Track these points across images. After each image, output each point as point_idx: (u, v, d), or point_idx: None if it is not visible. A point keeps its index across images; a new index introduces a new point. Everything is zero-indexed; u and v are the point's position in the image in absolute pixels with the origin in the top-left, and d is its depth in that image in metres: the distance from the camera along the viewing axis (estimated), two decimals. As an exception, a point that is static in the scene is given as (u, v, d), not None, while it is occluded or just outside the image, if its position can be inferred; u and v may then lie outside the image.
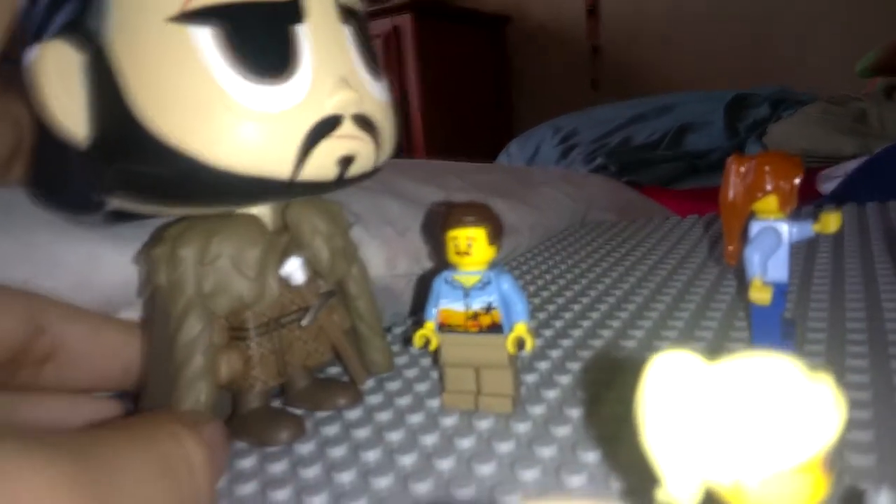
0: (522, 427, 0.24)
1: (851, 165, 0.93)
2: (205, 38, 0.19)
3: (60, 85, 0.20)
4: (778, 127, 1.37)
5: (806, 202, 0.79)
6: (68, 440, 0.14)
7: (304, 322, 0.25)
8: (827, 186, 0.95)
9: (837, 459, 0.20)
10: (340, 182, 0.23)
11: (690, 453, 0.11)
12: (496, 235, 0.25)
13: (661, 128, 1.56)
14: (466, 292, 0.25)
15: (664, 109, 1.66)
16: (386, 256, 0.40)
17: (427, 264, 0.42)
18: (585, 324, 0.34)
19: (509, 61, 2.46)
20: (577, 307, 0.37)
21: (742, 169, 0.28)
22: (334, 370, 0.31)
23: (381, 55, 2.20)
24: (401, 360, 0.32)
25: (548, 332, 0.34)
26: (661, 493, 0.12)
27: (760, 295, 0.27)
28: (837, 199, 0.72)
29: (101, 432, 0.15)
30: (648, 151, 1.49)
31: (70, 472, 0.13)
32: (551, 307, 0.38)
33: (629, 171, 1.38)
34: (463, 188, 0.56)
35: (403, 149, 2.13)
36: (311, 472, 0.22)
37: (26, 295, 0.23)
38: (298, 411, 0.27)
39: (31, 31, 0.21)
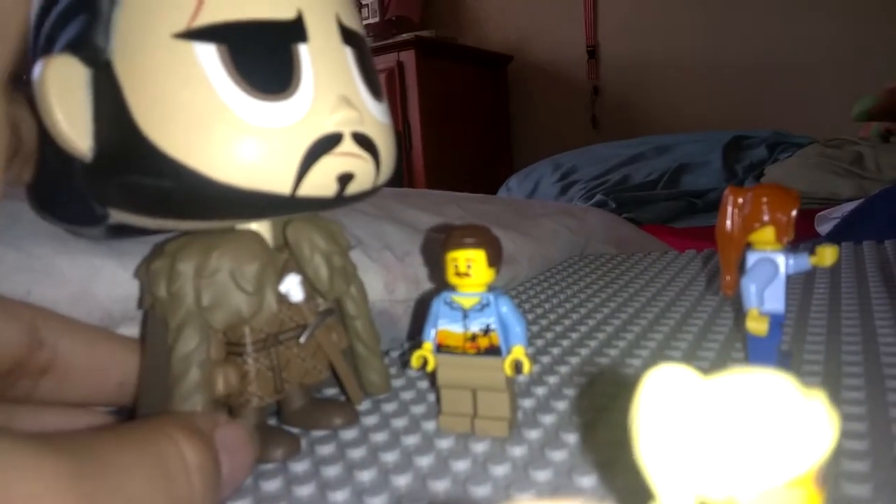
0: (518, 450, 0.24)
1: (848, 207, 0.94)
2: (209, 55, 0.20)
3: (66, 98, 0.20)
4: (776, 168, 1.39)
5: (803, 242, 0.80)
6: (64, 439, 0.14)
7: (301, 339, 0.25)
8: (824, 227, 0.95)
9: (833, 489, 0.20)
10: (339, 199, 0.23)
11: (684, 468, 0.11)
12: (496, 258, 0.25)
13: (660, 167, 1.58)
14: (465, 314, 0.25)
15: (663, 149, 1.68)
16: (385, 281, 0.40)
17: (426, 289, 0.42)
18: (583, 351, 0.34)
19: (510, 99, 2.50)
20: (575, 335, 0.37)
21: (739, 200, 0.28)
22: (331, 391, 0.31)
23: (385, 90, 2.22)
24: (398, 383, 0.32)
25: (545, 359, 0.33)
26: (655, 506, 0.12)
27: (757, 325, 0.27)
28: (834, 239, 0.73)
29: (98, 433, 0.15)
30: (646, 190, 1.51)
31: (65, 470, 0.13)
32: (549, 334, 0.38)
33: (628, 208, 1.39)
34: (462, 217, 0.56)
35: (405, 181, 2.15)
36: (305, 491, 0.22)
37: (27, 307, 0.23)
38: (294, 430, 0.27)
39: (39, 45, 0.22)
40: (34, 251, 0.27)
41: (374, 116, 0.24)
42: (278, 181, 0.21)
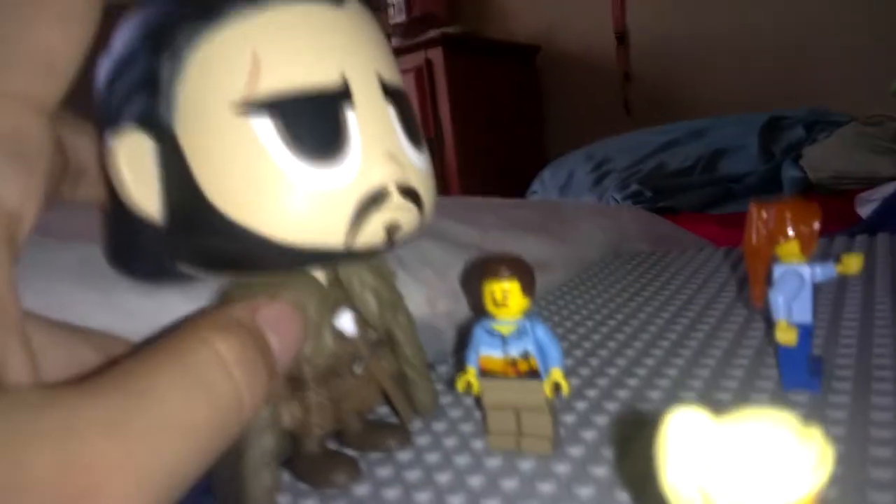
0: (562, 467, 0.26)
1: (889, 188, 0.93)
2: (265, 127, 0.22)
3: (136, 170, 0.22)
4: (814, 149, 1.36)
5: (844, 226, 0.79)
6: (93, 385, 0.14)
7: (357, 371, 0.28)
8: (865, 209, 0.94)
9: (859, 499, 0.21)
10: (388, 246, 0.25)
11: (703, 499, 0.13)
12: (529, 285, 0.27)
13: (695, 153, 1.56)
14: (504, 340, 0.27)
15: (697, 134, 1.66)
16: (427, 296, 0.42)
17: (466, 303, 0.44)
18: (621, 361, 0.36)
19: (540, 90, 2.49)
20: (612, 344, 0.39)
21: (763, 214, 0.30)
22: (382, 410, 0.33)
23: (414, 88, 2.26)
24: (445, 400, 0.34)
25: (584, 371, 0.35)
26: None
27: (786, 336, 0.28)
28: (873, 225, 0.72)
29: (127, 364, 0.15)
30: (683, 177, 1.49)
31: (100, 416, 0.14)
32: (587, 344, 0.39)
33: (664, 196, 1.39)
34: (497, 224, 0.58)
35: (438, 180, 2.17)
36: (368, 512, 0.24)
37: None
38: (352, 452, 0.29)
39: (107, 116, 0.24)
40: (110, 290, 0.30)
41: (416, 167, 0.25)
42: (333, 236, 0.23)
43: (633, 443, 0.27)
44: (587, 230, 0.65)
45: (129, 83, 0.23)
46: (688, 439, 0.14)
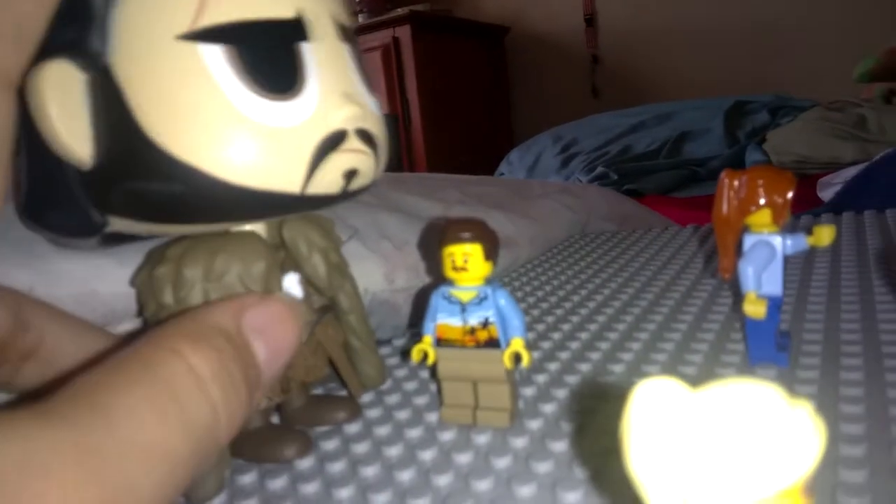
0: (520, 442, 0.24)
1: (851, 172, 0.93)
2: (215, 56, 0.20)
3: (63, 105, 0.20)
4: (777, 133, 1.38)
5: (806, 209, 0.80)
6: (60, 401, 0.13)
7: (303, 337, 0.26)
8: (826, 193, 0.95)
9: (830, 475, 0.20)
10: (343, 196, 0.23)
11: (674, 479, 0.11)
12: (492, 251, 0.25)
13: (661, 136, 1.57)
14: (463, 307, 0.26)
15: (664, 117, 1.67)
16: (385, 271, 0.40)
17: (426, 278, 0.43)
18: (584, 335, 0.34)
19: (509, 71, 2.47)
20: (575, 319, 0.37)
21: (735, 183, 0.28)
22: (329, 385, 0.32)
23: (381, 66, 2.22)
24: (400, 373, 0.32)
25: (546, 345, 0.34)
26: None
27: (755, 308, 0.27)
28: (836, 206, 0.72)
29: (95, 377, 0.14)
30: (649, 160, 1.50)
31: (66, 435, 0.12)
32: (550, 318, 0.38)
33: (630, 179, 1.39)
34: (462, 201, 0.56)
35: (404, 158, 2.15)
36: (311, 488, 0.23)
37: (11, 290, 0.22)
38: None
39: None
40: (35, 250, 0.27)
41: (372, 111, 0.24)
42: (289, 180, 0.21)
43: (594, 416, 0.25)
44: (553, 208, 0.63)
45: (57, 10, 0.21)
46: (658, 413, 0.12)
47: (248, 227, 0.24)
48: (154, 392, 0.14)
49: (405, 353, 0.34)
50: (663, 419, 0.12)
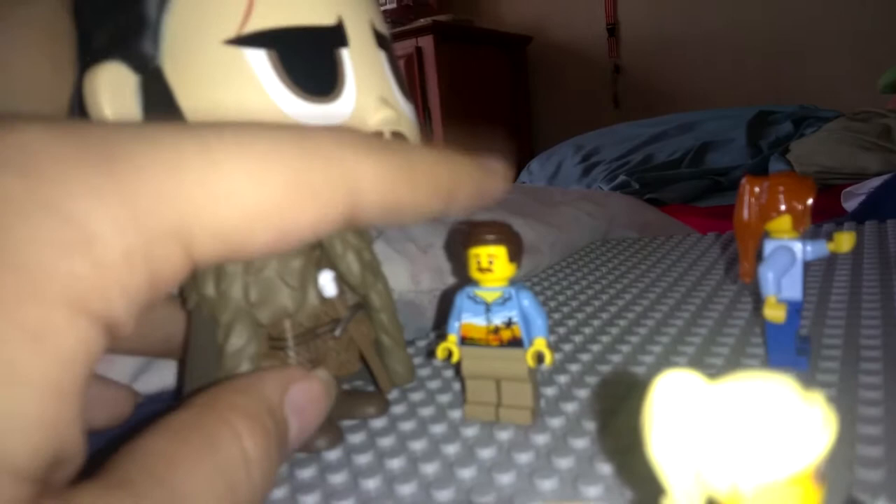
0: (541, 438, 0.25)
1: (875, 183, 0.93)
2: (260, 60, 0.21)
3: (117, 104, 0.21)
4: (801, 144, 1.37)
5: (829, 219, 0.79)
6: (128, 475, 0.13)
7: (336, 332, 0.27)
8: (850, 204, 0.94)
9: (847, 473, 0.20)
10: None
11: (693, 465, 0.12)
12: (516, 253, 0.26)
13: (683, 146, 1.56)
14: (488, 307, 0.26)
15: (686, 127, 1.66)
16: (410, 273, 0.41)
17: (449, 280, 0.43)
18: (605, 339, 0.35)
19: (530, 80, 2.48)
20: (596, 322, 0.38)
21: (756, 189, 0.29)
22: (357, 382, 0.32)
23: (404, 76, 2.23)
24: (424, 372, 0.33)
25: (567, 347, 0.34)
26: (666, 502, 0.13)
27: (775, 313, 0.28)
28: (859, 216, 0.72)
29: (159, 446, 0.14)
30: (670, 169, 1.49)
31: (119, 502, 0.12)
32: (571, 322, 0.38)
33: (651, 188, 1.39)
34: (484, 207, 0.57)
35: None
36: (339, 479, 0.24)
37: None
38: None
39: (88, 52, 0.23)
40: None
41: (407, 116, 0.25)
42: None
43: (615, 415, 0.26)
44: (574, 215, 0.64)
45: (114, 18, 0.22)
46: (678, 403, 0.13)
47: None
48: (216, 476, 0.14)
49: (430, 353, 0.35)
50: (682, 408, 0.12)
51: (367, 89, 0.23)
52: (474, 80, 2.25)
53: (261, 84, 0.21)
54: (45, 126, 0.13)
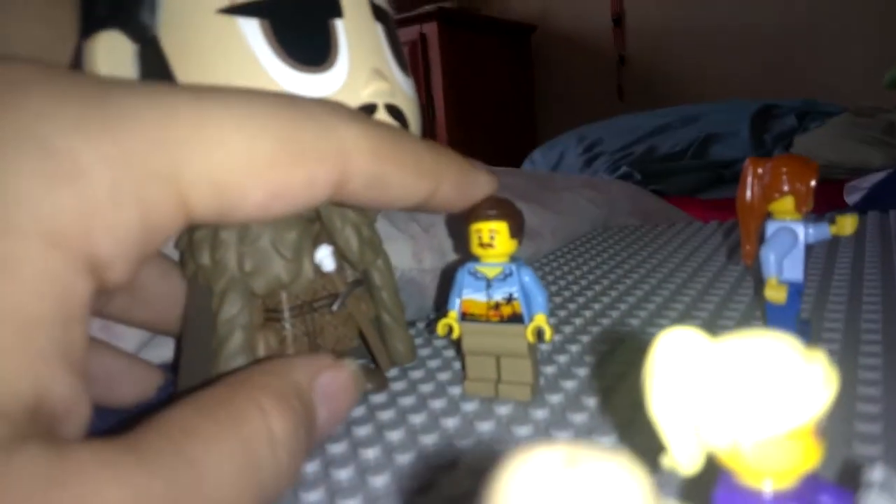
0: (540, 413, 0.25)
1: (877, 177, 0.93)
2: (252, 29, 0.21)
3: (114, 72, 0.21)
4: (805, 138, 1.36)
5: (830, 212, 0.79)
6: (151, 443, 0.13)
7: (334, 307, 0.27)
8: (853, 197, 0.94)
9: (846, 450, 0.20)
10: None
11: (692, 421, 0.12)
12: (518, 229, 0.26)
13: (687, 138, 1.56)
14: (489, 283, 0.26)
15: (690, 119, 1.66)
16: (412, 251, 0.41)
17: (451, 259, 0.43)
18: (605, 321, 0.35)
19: (534, 70, 2.47)
20: (597, 306, 0.38)
21: (759, 171, 0.29)
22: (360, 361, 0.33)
23: (408, 62, 2.22)
24: (424, 352, 0.33)
25: (567, 328, 0.34)
26: (666, 460, 0.13)
27: (775, 294, 0.27)
28: (861, 209, 0.72)
29: (185, 419, 0.14)
30: (673, 161, 1.49)
31: (157, 489, 0.12)
32: (572, 305, 0.38)
33: (654, 180, 1.38)
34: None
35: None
36: (338, 449, 0.24)
37: None
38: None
39: (86, 21, 0.23)
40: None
41: (403, 89, 0.25)
42: None
43: (614, 392, 0.26)
44: (576, 202, 0.64)
45: None
46: (680, 360, 0.13)
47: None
48: (238, 451, 0.14)
49: (430, 331, 0.35)
50: (684, 364, 0.12)
51: (361, 61, 0.23)
52: (478, 69, 2.24)
53: (253, 53, 0.21)
54: (40, 66, 0.13)
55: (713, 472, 0.12)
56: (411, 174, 0.19)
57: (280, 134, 0.15)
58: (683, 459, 0.13)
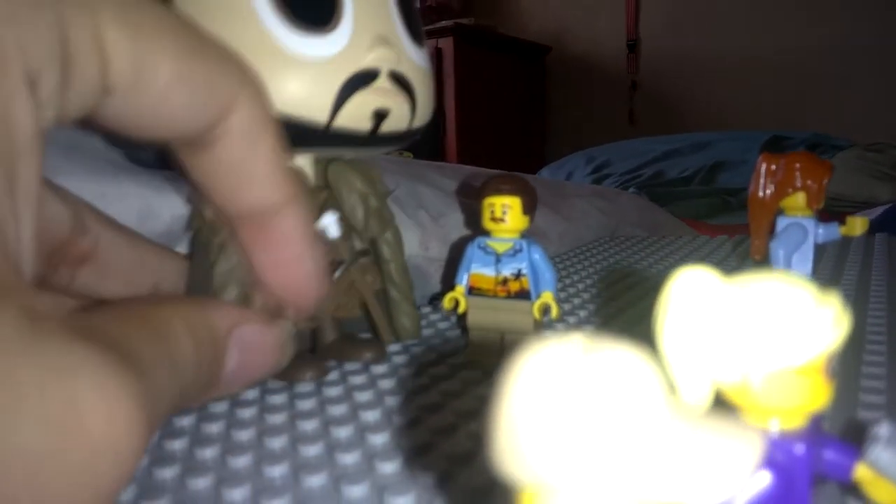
0: (542, 387, 0.25)
1: (882, 209, 0.93)
2: None
3: None
4: (813, 170, 1.37)
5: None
6: (103, 335, 0.13)
7: (336, 274, 0.27)
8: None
9: (851, 428, 0.20)
10: (374, 137, 0.24)
11: (703, 358, 0.12)
12: (530, 206, 0.26)
13: (695, 164, 1.56)
14: (498, 258, 0.26)
15: (700, 146, 1.66)
16: (420, 238, 0.41)
17: (457, 254, 0.44)
18: (608, 310, 0.35)
19: (547, 90, 2.49)
20: (603, 307, 0.38)
21: (773, 167, 0.29)
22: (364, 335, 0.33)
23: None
24: (427, 332, 0.33)
25: (571, 319, 0.34)
26: (675, 398, 0.13)
27: (783, 288, 0.28)
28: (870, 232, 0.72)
29: (120, 323, 0.14)
30: (681, 186, 1.50)
31: (137, 341, 0.13)
32: (576, 300, 0.38)
33: (661, 203, 1.38)
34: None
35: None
36: (339, 411, 0.24)
37: (73, 195, 0.22)
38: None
39: None
40: (97, 174, 0.29)
41: (411, 58, 0.25)
42: (315, 111, 0.22)
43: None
44: (585, 209, 0.64)
45: None
46: (693, 298, 0.13)
47: (297, 162, 0.26)
48: (164, 356, 0.14)
49: (435, 307, 0.35)
50: (697, 303, 0.12)
51: (366, 25, 0.23)
52: (491, 86, 2.26)
53: (255, 14, 0.21)
54: None
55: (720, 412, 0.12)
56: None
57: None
58: (692, 397, 0.13)
